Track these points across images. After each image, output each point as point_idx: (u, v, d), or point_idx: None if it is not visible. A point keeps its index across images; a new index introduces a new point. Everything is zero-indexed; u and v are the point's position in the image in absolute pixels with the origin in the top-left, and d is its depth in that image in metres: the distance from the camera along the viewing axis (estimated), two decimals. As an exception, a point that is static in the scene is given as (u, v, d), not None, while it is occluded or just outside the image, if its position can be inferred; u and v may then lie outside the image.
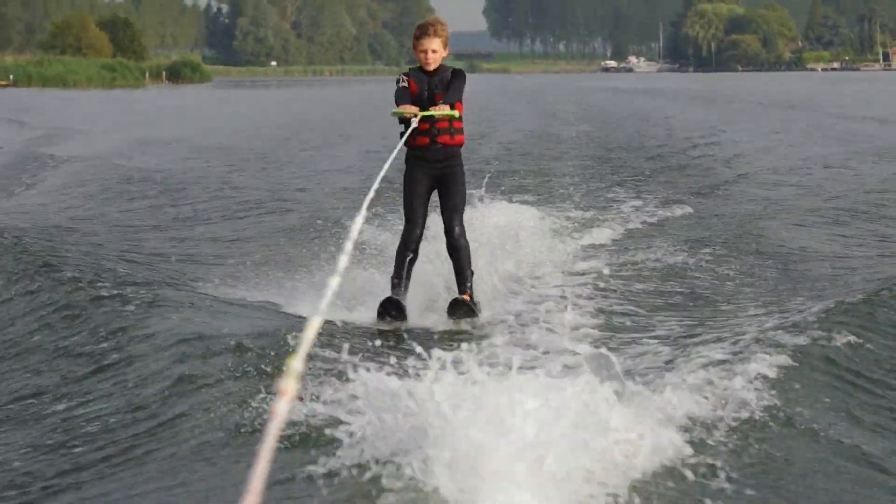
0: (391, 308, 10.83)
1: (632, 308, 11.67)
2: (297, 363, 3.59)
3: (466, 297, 11.09)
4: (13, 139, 39.58)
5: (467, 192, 11.48)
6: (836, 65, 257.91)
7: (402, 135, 10.98)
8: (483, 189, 15.23)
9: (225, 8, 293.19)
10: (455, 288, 11.28)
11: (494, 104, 68.99)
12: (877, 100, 70.33)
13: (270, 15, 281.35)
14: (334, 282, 4.54)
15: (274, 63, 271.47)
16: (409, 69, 11.30)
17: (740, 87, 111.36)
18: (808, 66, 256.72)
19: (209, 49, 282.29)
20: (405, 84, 11.08)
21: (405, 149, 11.17)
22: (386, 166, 9.07)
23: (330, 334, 9.74)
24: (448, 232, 11.14)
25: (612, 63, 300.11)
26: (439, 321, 10.98)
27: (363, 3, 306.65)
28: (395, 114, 11.05)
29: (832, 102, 66.57)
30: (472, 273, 11.24)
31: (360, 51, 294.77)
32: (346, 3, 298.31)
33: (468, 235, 11.33)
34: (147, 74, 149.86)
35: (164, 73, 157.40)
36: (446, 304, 11.16)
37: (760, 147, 32.66)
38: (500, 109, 61.81)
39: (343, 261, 4.88)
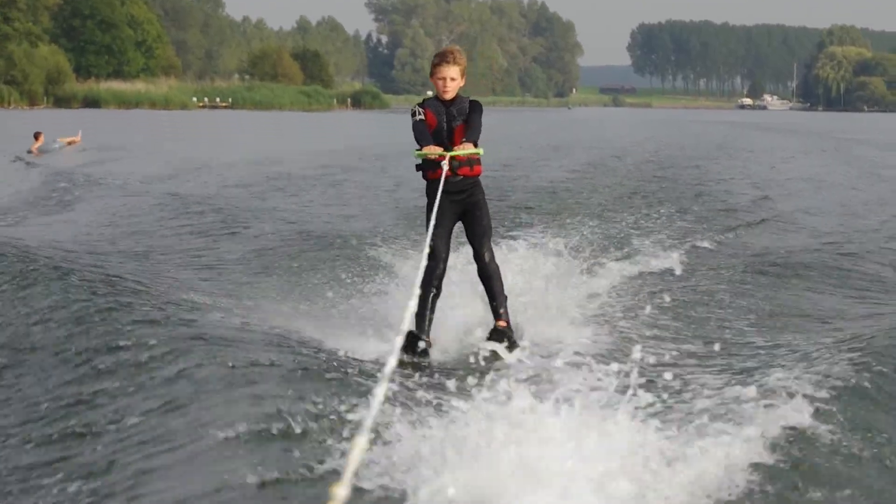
0: (413, 343, 10.00)
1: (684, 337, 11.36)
2: (342, 490, 3.66)
3: (503, 324, 10.61)
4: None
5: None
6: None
7: (420, 172, 10.71)
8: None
9: (385, 39, 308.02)
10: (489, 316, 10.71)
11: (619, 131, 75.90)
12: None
13: (427, 47, 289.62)
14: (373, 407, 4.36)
15: (430, 93, 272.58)
16: (424, 99, 10.73)
17: (852, 125, 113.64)
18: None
19: (369, 78, 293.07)
20: (422, 117, 10.52)
21: (425, 182, 10.65)
22: (427, 239, 9.09)
23: (345, 363, 9.14)
24: (478, 258, 10.65)
25: (748, 101, 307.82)
26: (468, 354, 9.76)
27: (514, 38, 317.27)
28: (418, 155, 10.52)
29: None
30: (506, 298, 10.71)
31: (510, 83, 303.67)
32: (498, 38, 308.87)
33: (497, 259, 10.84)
34: (335, 100, 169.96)
35: (348, 99, 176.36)
36: (477, 335, 10.48)
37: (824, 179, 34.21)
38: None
39: (381, 392, 4.58)
